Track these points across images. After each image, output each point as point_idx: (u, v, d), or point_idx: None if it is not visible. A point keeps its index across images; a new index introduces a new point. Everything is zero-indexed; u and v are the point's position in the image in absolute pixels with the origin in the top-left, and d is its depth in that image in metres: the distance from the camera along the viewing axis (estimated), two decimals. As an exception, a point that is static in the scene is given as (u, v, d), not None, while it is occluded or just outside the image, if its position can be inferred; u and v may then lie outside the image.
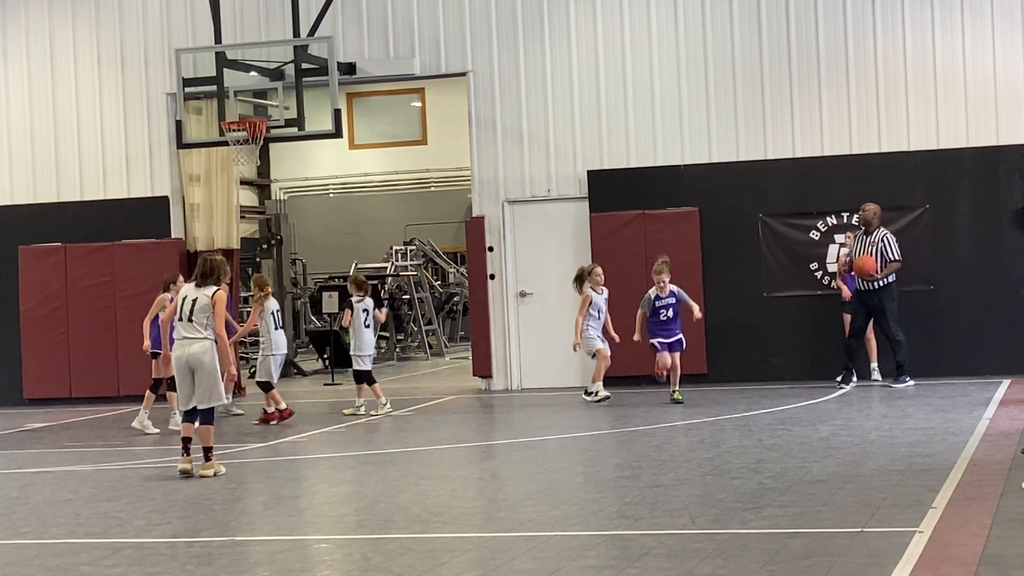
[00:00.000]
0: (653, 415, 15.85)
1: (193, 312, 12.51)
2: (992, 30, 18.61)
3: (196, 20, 20.74)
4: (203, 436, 12.55)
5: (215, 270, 12.65)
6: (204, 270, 12.67)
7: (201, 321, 12.49)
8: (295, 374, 25.72)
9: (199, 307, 12.51)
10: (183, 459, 12.56)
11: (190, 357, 12.46)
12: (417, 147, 32.99)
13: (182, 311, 12.60)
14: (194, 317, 12.50)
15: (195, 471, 12.47)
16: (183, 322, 12.58)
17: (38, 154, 21.44)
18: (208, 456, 12.56)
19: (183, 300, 12.66)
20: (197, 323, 12.49)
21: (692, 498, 10.30)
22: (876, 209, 17.93)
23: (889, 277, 17.79)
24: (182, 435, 12.66)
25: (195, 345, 12.47)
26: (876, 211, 17.93)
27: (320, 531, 10.08)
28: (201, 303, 12.52)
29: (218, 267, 12.68)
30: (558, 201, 19.89)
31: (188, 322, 12.54)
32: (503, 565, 8.37)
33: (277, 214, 28.13)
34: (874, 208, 17.94)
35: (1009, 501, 9.49)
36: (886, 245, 17.79)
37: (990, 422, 13.74)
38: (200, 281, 12.65)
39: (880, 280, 17.71)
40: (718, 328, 19.16)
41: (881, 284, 17.74)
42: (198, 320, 12.50)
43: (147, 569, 8.76)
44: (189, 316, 12.52)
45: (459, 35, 20.13)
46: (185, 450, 12.58)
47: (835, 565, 7.86)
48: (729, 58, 19.31)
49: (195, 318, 12.50)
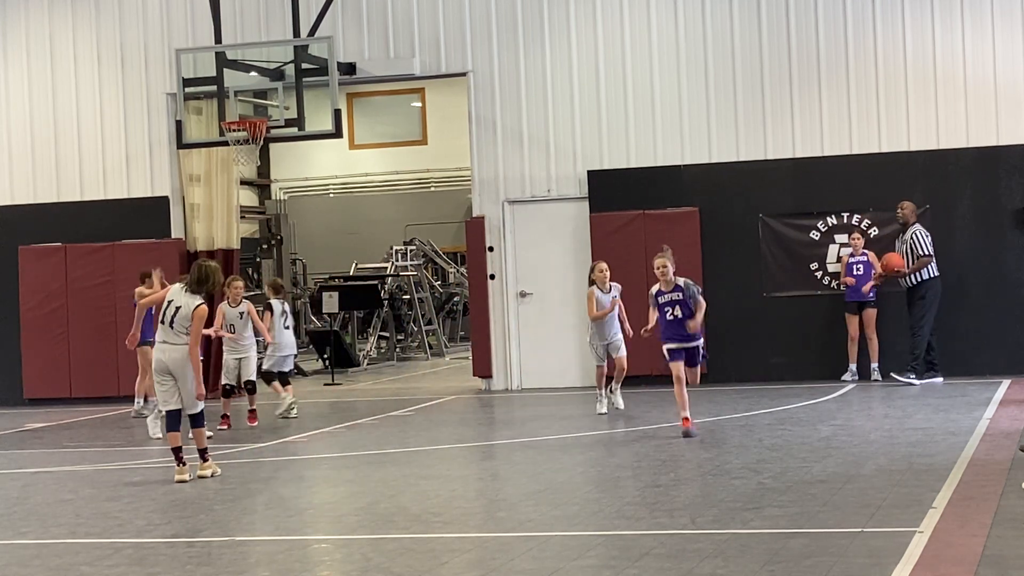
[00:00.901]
0: (653, 415, 15.84)
1: (175, 319, 12.25)
2: (992, 30, 18.61)
3: (196, 20, 20.73)
4: (197, 439, 12.45)
5: (208, 278, 12.38)
6: (199, 277, 12.36)
7: (181, 329, 12.24)
8: (295, 374, 25.72)
9: (181, 316, 12.25)
10: (179, 469, 12.33)
11: (171, 362, 12.26)
12: (417, 147, 33.01)
13: (165, 314, 12.35)
14: (175, 324, 12.25)
15: (192, 474, 12.36)
16: (164, 325, 12.33)
17: (38, 154, 21.44)
18: (204, 456, 12.49)
19: (168, 303, 12.40)
20: (178, 330, 12.25)
21: (692, 498, 10.30)
22: (912, 206, 18.07)
23: (929, 273, 17.82)
24: (171, 446, 12.43)
25: (175, 351, 12.25)
26: (912, 208, 18.06)
27: (320, 531, 10.08)
28: (183, 313, 12.25)
29: (212, 275, 12.40)
30: (558, 201, 19.89)
31: (169, 327, 12.30)
32: (503, 565, 8.37)
33: (277, 214, 28.17)
34: (910, 206, 18.04)
35: (1009, 501, 9.48)
36: (915, 241, 17.85)
37: (990, 422, 13.74)
38: (192, 287, 12.35)
39: (913, 276, 17.79)
40: (718, 328, 19.12)
41: (918, 280, 17.78)
42: (179, 327, 12.25)
43: (147, 569, 8.76)
44: (171, 322, 12.28)
45: (459, 35, 20.13)
46: (178, 460, 12.36)
47: (835, 565, 7.86)
48: (729, 58, 19.31)
49: (176, 325, 12.25)
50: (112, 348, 20.22)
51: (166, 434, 12.69)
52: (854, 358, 18.50)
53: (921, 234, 17.92)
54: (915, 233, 17.94)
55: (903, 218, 18.11)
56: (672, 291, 14.17)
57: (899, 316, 18.38)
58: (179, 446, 12.42)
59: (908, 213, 18.09)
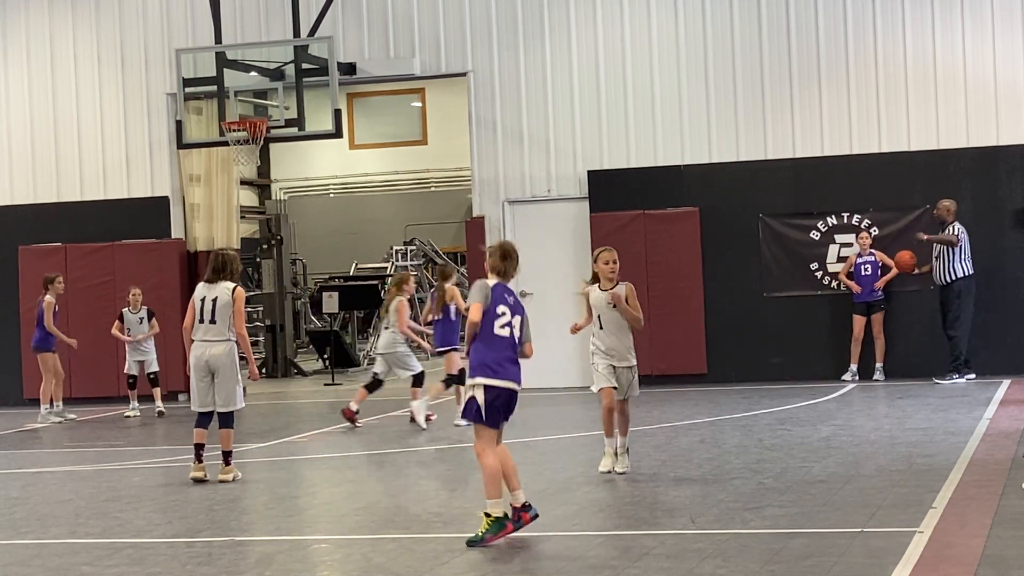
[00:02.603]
0: (653, 415, 15.84)
1: (215, 312, 11.97)
2: (992, 30, 18.60)
3: (196, 20, 20.73)
4: (224, 440, 12.13)
5: (228, 264, 12.16)
6: (217, 264, 12.15)
7: (224, 321, 11.98)
8: (295, 374, 25.74)
9: (221, 306, 11.97)
10: (196, 466, 12.11)
11: (211, 359, 11.99)
12: (417, 147, 32.97)
13: (203, 313, 12.02)
14: (217, 317, 11.96)
15: (209, 476, 12.12)
16: (204, 324, 12.02)
17: (38, 154, 21.45)
18: (228, 460, 12.18)
19: (201, 301, 12.06)
20: (220, 324, 11.97)
21: (692, 498, 10.30)
22: (950, 205, 17.98)
23: (963, 271, 17.77)
24: (195, 441, 12.15)
25: (217, 347, 11.99)
26: (949, 207, 17.98)
27: (320, 531, 10.08)
28: (223, 301, 11.98)
29: (231, 261, 12.22)
30: (558, 201, 19.89)
31: (211, 323, 12.00)
32: (503, 565, 8.37)
33: (277, 214, 28.11)
34: (948, 204, 17.98)
35: (1009, 501, 9.48)
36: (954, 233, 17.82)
37: (990, 422, 13.74)
38: (213, 276, 12.11)
39: (947, 274, 17.76)
40: (718, 328, 19.16)
41: (947, 281, 17.78)
42: (221, 319, 11.96)
43: (147, 569, 8.76)
44: (212, 317, 11.98)
45: (459, 35, 20.13)
46: (197, 457, 12.11)
47: (835, 565, 7.86)
48: (729, 58, 19.31)
49: (219, 318, 11.96)
50: (112, 348, 20.20)
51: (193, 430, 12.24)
52: (856, 358, 18.48)
53: (960, 229, 17.83)
54: (951, 229, 17.82)
55: (941, 217, 18.00)
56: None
57: (904, 316, 18.40)
58: (202, 443, 12.11)
59: (944, 212, 17.95)
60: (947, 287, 17.90)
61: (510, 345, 9.12)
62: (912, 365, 18.40)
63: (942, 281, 17.92)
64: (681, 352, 19.20)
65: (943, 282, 17.91)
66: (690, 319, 19.21)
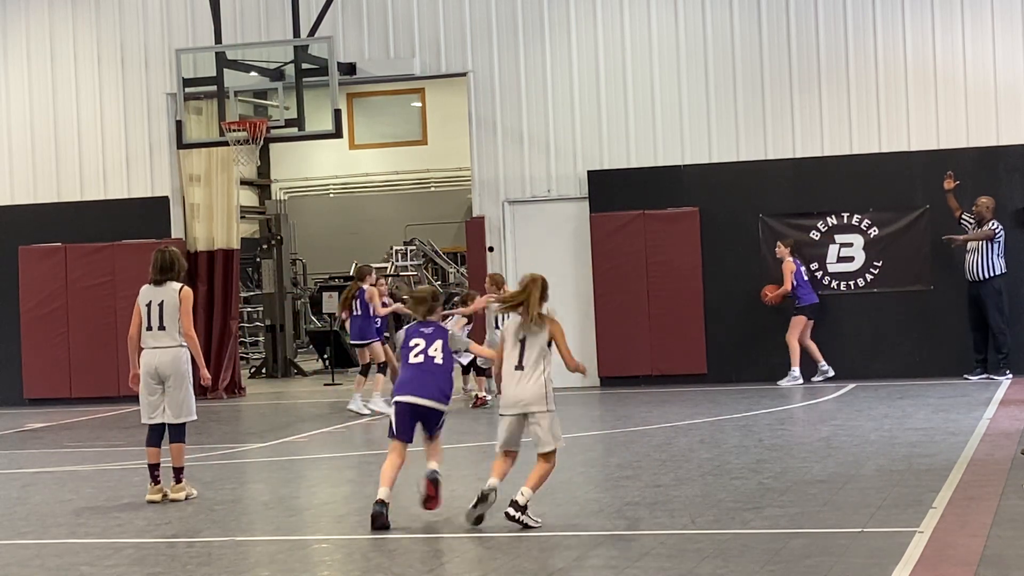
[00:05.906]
0: (653, 415, 15.84)
1: (163, 316, 11.19)
2: (992, 30, 18.61)
3: (196, 20, 20.73)
4: (175, 455, 11.27)
5: (175, 263, 11.36)
6: (164, 263, 11.32)
7: (173, 324, 11.20)
8: (295, 374, 25.73)
9: (168, 309, 11.21)
10: (152, 488, 11.24)
11: (161, 366, 11.21)
12: (417, 147, 32.95)
13: (150, 318, 11.24)
14: (166, 321, 11.19)
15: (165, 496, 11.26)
16: (153, 330, 11.23)
17: (38, 154, 21.44)
18: (179, 477, 11.29)
19: (147, 306, 11.27)
20: (169, 327, 11.20)
21: (692, 498, 10.30)
22: (988, 203, 17.98)
23: (1000, 268, 17.79)
24: (148, 462, 11.32)
25: (167, 353, 11.24)
26: (988, 204, 17.98)
27: (320, 531, 10.08)
28: (171, 303, 11.22)
29: (177, 259, 11.39)
30: (558, 201, 19.88)
31: (159, 329, 11.21)
32: (503, 565, 8.36)
33: (277, 214, 28.10)
34: (986, 202, 17.97)
35: (1009, 501, 9.48)
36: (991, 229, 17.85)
37: (990, 422, 13.74)
38: (160, 277, 11.31)
39: (982, 271, 17.75)
40: (718, 328, 19.16)
41: (984, 277, 17.77)
42: (170, 323, 11.20)
43: (147, 569, 8.76)
44: (160, 323, 11.21)
45: (459, 35, 20.13)
46: (153, 478, 11.27)
47: (835, 565, 7.86)
48: (729, 58, 19.31)
49: (167, 322, 11.19)
50: (112, 348, 20.22)
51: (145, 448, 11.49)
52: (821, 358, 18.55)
53: (998, 226, 17.82)
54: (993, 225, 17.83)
55: (980, 213, 17.97)
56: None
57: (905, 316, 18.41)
58: (157, 463, 11.30)
59: (983, 210, 17.93)
60: (986, 282, 17.84)
61: (426, 368, 10.02)
62: (912, 365, 18.43)
63: (978, 277, 17.87)
64: (681, 352, 19.20)
65: (980, 278, 17.86)
66: (690, 319, 19.21)
